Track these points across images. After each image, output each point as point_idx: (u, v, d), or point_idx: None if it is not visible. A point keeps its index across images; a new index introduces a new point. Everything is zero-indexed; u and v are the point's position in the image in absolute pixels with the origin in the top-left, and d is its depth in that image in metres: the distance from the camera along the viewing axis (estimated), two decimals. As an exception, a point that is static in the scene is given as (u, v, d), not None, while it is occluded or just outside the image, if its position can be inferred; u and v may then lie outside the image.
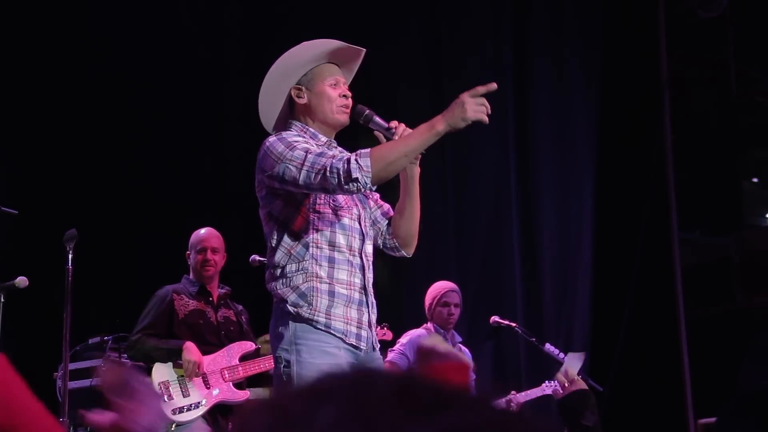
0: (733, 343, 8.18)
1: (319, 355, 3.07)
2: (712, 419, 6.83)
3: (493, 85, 3.16)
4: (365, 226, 3.30)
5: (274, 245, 3.23)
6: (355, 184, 2.97)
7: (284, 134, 3.21)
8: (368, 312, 3.22)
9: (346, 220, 3.22)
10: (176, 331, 5.06)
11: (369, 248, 3.32)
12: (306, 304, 3.11)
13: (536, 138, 7.67)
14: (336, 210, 3.20)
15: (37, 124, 7.14)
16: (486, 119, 3.10)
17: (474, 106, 3.07)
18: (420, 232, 7.47)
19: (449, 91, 7.72)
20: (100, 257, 6.54)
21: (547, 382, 5.87)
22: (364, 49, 3.44)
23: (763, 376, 1.79)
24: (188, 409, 4.92)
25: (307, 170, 3.04)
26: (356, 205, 3.29)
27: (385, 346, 5.70)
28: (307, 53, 3.32)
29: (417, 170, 3.35)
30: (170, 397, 4.90)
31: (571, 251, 7.54)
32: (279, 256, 3.19)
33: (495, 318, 6.21)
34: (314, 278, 3.13)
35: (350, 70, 3.46)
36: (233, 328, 5.23)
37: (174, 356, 4.95)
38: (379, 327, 5.41)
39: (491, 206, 7.58)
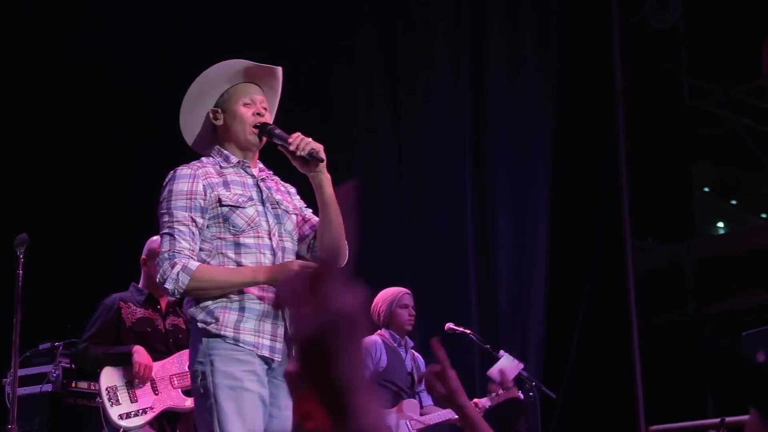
0: (685, 351, 8.29)
1: (232, 363, 3.15)
2: (664, 425, 6.90)
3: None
4: (278, 240, 3.32)
5: None
6: (165, 290, 3.22)
7: (178, 174, 3.32)
8: (284, 325, 3.24)
9: (250, 240, 3.27)
10: (123, 339, 5.02)
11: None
12: (213, 321, 3.19)
13: (492, 147, 7.72)
14: (238, 234, 3.27)
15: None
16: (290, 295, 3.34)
17: (295, 278, 3.17)
18: (375, 239, 7.48)
19: (406, 102, 7.75)
20: (51, 262, 6.46)
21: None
22: (279, 68, 3.45)
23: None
24: (135, 415, 4.87)
25: (161, 235, 3.28)
26: (266, 221, 3.32)
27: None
28: (220, 74, 3.38)
29: (325, 177, 3.31)
30: (117, 402, 4.86)
31: (526, 259, 7.59)
32: None
33: (450, 325, 6.21)
34: (223, 299, 3.21)
35: (273, 89, 3.48)
36: (182, 335, 5.19)
37: (123, 361, 4.91)
38: None
39: (447, 213, 7.61)
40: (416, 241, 7.54)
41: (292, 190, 3.54)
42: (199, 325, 3.20)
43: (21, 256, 4.90)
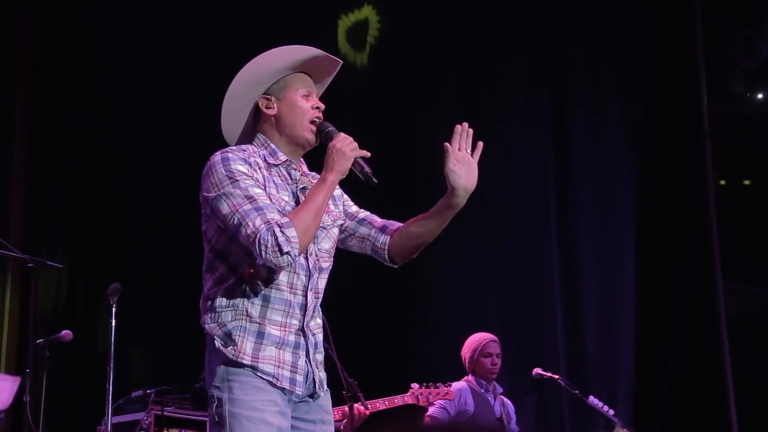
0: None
1: (252, 391, 2.86)
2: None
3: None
4: (315, 260, 3.01)
5: (206, 270, 3.00)
6: (286, 258, 2.80)
7: (230, 155, 2.93)
8: (305, 356, 2.96)
9: None
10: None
11: (321, 284, 3.04)
12: (231, 345, 2.88)
13: (577, 190, 7.65)
14: None
15: (83, 183, 7.24)
16: (363, 152, 3.00)
17: (347, 146, 2.96)
18: (461, 284, 7.44)
19: (486, 147, 7.73)
20: (144, 310, 6.58)
21: None
22: (341, 61, 3.16)
23: None
24: None
25: (239, 219, 2.84)
26: None
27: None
28: (280, 60, 3.05)
29: (462, 203, 3.12)
30: None
31: (614, 302, 7.48)
32: (210, 286, 2.97)
33: (537, 370, 6.16)
34: (244, 317, 2.90)
35: (323, 83, 3.19)
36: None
37: None
38: (443, 385, 5.38)
39: (532, 258, 7.55)
40: (502, 286, 7.49)
41: (338, 192, 3.17)
42: (217, 344, 2.90)
43: (114, 305, 5.00)
